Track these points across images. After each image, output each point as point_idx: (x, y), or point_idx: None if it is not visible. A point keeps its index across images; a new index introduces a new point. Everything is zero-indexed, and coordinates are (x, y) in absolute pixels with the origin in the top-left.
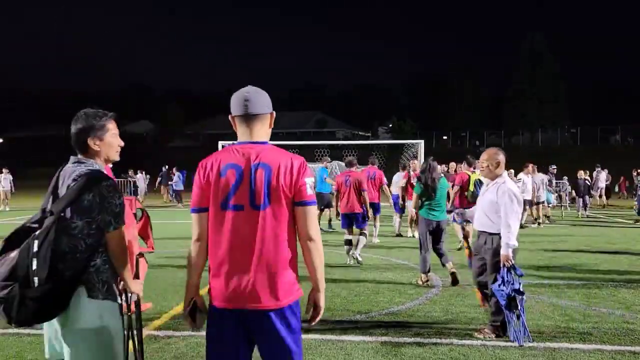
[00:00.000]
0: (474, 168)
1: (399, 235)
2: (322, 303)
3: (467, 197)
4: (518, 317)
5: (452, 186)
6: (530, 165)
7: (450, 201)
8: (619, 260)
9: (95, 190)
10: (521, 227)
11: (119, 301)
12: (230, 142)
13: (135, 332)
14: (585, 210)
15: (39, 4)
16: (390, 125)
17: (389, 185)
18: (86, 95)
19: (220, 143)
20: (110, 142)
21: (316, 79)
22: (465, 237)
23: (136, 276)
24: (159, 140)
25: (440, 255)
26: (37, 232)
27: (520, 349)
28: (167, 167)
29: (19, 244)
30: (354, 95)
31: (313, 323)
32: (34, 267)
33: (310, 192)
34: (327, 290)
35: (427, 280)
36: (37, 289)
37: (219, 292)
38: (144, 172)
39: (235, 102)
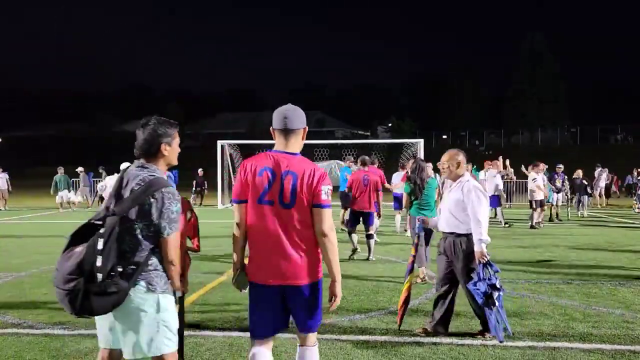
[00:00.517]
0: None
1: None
2: (338, 292)
3: None
4: (498, 311)
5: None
6: (542, 164)
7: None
8: (618, 260)
9: (157, 196)
10: (533, 227)
11: (174, 295)
12: (229, 142)
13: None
14: (583, 209)
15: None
16: (390, 125)
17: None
18: (86, 95)
19: (220, 143)
20: (176, 148)
21: (316, 78)
22: None
23: (181, 274)
24: None
25: (423, 253)
26: (101, 231)
27: (520, 349)
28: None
29: (84, 239)
30: (353, 95)
31: (332, 309)
32: (99, 263)
33: (325, 197)
34: (325, 290)
35: (424, 276)
36: (100, 284)
37: (256, 270)
38: None
39: (276, 118)
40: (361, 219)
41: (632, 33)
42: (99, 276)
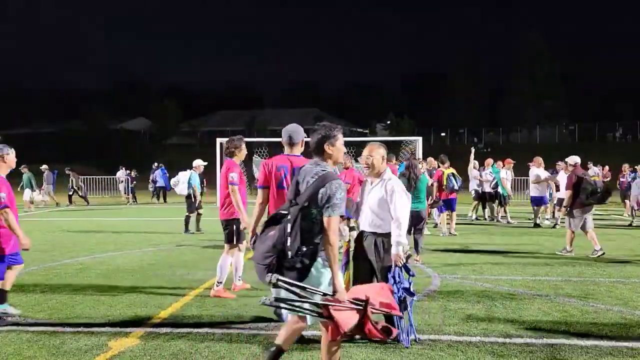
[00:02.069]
0: (448, 165)
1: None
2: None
3: (444, 189)
4: (408, 316)
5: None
6: (561, 163)
7: (434, 194)
8: (616, 257)
9: (327, 187)
10: (537, 225)
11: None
12: (227, 139)
13: None
14: None
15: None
16: (389, 123)
17: None
18: (83, 92)
19: (219, 140)
20: (340, 148)
21: (313, 76)
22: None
23: None
24: (156, 137)
25: (415, 244)
26: (288, 217)
27: (518, 345)
28: (156, 164)
29: (276, 224)
30: (351, 92)
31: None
32: (288, 243)
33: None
34: None
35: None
36: (289, 260)
37: None
38: (123, 169)
39: (284, 135)
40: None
41: (631, 31)
42: (289, 254)
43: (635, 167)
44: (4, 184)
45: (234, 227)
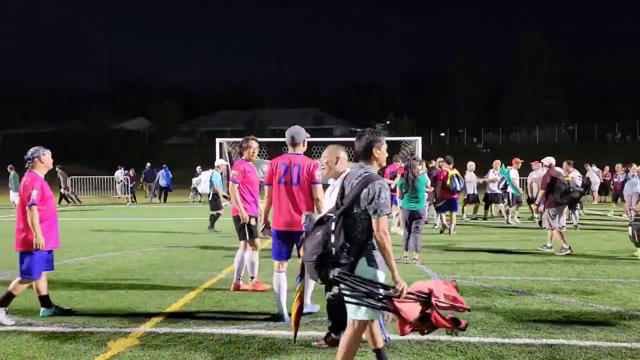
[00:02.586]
0: (452, 166)
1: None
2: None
3: (447, 189)
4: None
5: (437, 182)
6: (572, 162)
7: (437, 194)
8: (615, 257)
9: (370, 187)
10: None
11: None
12: (228, 139)
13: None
14: (580, 208)
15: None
16: (388, 123)
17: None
18: (83, 92)
19: (218, 140)
20: (385, 152)
21: (313, 76)
22: (444, 226)
23: None
24: (156, 137)
25: (414, 243)
26: (333, 216)
27: (517, 345)
28: (149, 165)
29: (323, 225)
30: (351, 92)
31: None
32: (332, 240)
33: (317, 177)
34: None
35: (406, 257)
36: (334, 256)
37: (277, 222)
38: (122, 169)
39: (288, 135)
40: None
41: (630, 30)
42: (332, 250)
43: (629, 167)
44: (40, 182)
45: (245, 223)
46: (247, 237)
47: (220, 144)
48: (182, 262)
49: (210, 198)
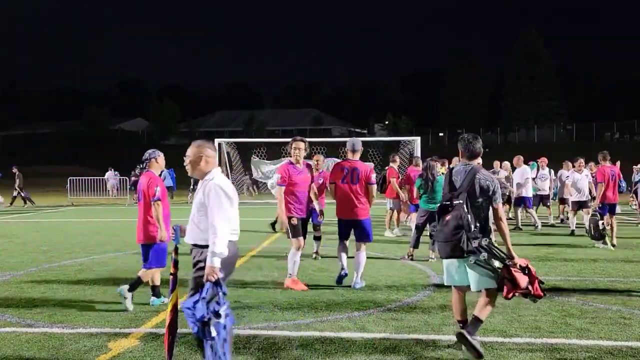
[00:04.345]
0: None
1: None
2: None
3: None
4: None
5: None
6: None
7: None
8: (615, 256)
9: (480, 178)
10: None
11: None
12: (226, 140)
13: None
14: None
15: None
16: (387, 123)
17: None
18: (81, 93)
19: (217, 140)
20: (481, 152)
21: (313, 76)
22: None
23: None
24: (154, 137)
25: (432, 242)
26: (460, 201)
27: (517, 345)
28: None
29: (446, 211)
30: (350, 92)
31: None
32: (470, 220)
33: (373, 179)
34: (325, 288)
35: (412, 255)
36: (473, 232)
37: (340, 212)
38: (112, 170)
39: (349, 143)
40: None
41: (629, 30)
42: (471, 227)
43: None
44: (159, 180)
45: (288, 222)
46: (290, 236)
47: (220, 144)
48: (182, 263)
49: None
